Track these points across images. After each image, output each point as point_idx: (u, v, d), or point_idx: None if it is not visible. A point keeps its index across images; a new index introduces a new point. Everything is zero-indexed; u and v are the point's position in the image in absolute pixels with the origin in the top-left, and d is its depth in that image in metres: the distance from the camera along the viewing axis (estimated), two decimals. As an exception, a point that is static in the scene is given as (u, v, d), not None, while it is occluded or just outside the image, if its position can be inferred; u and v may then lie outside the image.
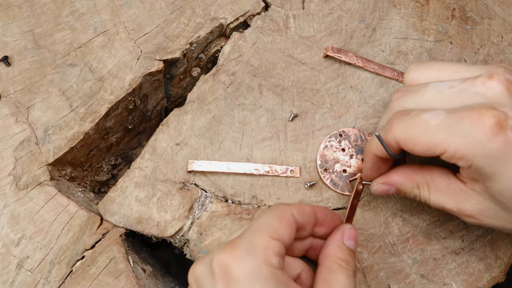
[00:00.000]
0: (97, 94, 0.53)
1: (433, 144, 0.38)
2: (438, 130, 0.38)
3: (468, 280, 0.48)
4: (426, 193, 0.43)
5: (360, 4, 0.55)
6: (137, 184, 0.51)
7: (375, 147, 0.43)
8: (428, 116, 0.38)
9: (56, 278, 0.48)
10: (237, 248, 0.36)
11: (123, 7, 0.55)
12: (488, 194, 0.39)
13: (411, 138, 0.39)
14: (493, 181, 0.38)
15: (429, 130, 0.38)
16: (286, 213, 0.39)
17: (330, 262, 0.40)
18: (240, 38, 0.54)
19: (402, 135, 0.39)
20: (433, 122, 0.38)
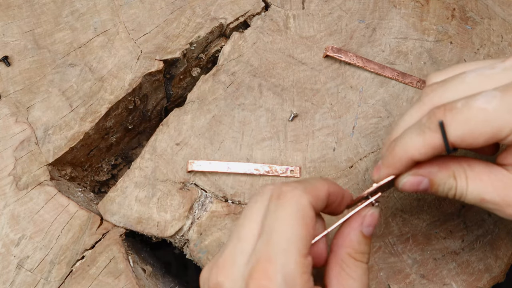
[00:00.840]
0: (97, 94, 0.53)
1: (496, 129, 0.34)
2: (499, 114, 0.33)
3: (468, 280, 0.48)
4: (464, 183, 0.37)
5: (360, 4, 0.55)
6: (137, 184, 0.51)
7: (416, 150, 0.36)
8: (482, 102, 0.34)
9: (56, 278, 0.48)
10: (272, 277, 0.32)
11: (123, 7, 0.55)
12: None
13: (470, 132, 0.34)
14: None
15: (489, 117, 0.34)
16: (309, 211, 0.35)
17: (343, 254, 0.37)
18: (240, 38, 0.54)
19: (458, 132, 0.34)
20: (490, 106, 0.33)
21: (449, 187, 0.38)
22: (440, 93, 0.37)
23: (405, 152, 0.37)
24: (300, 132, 0.52)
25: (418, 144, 0.36)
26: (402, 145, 0.37)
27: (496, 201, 0.36)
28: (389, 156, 0.38)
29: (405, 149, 0.37)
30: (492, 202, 0.37)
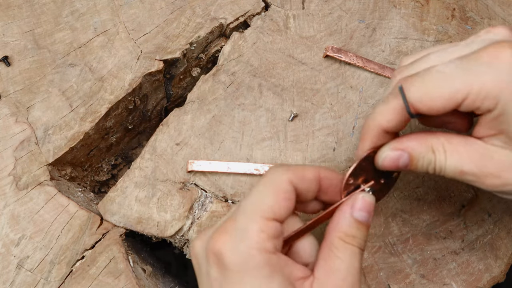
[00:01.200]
0: (97, 94, 0.53)
1: (453, 92, 0.35)
2: (455, 76, 0.35)
3: (468, 280, 0.48)
4: (442, 157, 0.37)
5: (360, 4, 0.55)
6: (137, 184, 0.51)
7: (383, 117, 0.38)
8: (440, 67, 0.36)
9: (56, 278, 0.48)
10: (229, 234, 0.35)
11: (123, 7, 0.55)
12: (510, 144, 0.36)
13: (427, 94, 0.35)
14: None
15: (445, 79, 0.35)
16: (282, 183, 0.36)
17: (333, 237, 0.37)
18: (240, 38, 0.54)
19: (417, 94, 0.36)
20: (447, 70, 0.35)
21: (428, 161, 0.38)
22: (408, 72, 0.39)
23: (374, 121, 0.38)
24: (300, 132, 0.52)
25: (383, 111, 0.38)
26: (371, 116, 0.39)
27: (475, 172, 0.37)
28: (362, 130, 0.40)
29: (373, 119, 0.39)
30: (471, 174, 0.37)
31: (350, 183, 0.39)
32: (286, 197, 0.36)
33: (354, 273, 0.36)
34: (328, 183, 0.39)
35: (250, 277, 0.34)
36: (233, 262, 0.34)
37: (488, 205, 0.50)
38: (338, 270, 0.36)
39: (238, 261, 0.34)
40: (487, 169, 0.36)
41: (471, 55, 0.35)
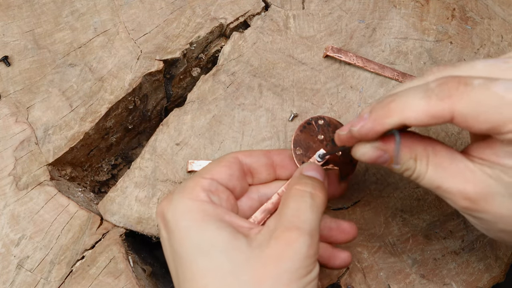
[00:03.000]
0: (97, 94, 0.53)
1: (504, 121, 0.31)
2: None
3: (468, 280, 0.48)
4: (423, 168, 0.36)
5: (360, 4, 0.55)
6: (137, 184, 0.51)
7: (414, 114, 0.33)
8: (501, 89, 0.31)
9: (56, 278, 0.48)
10: (170, 194, 0.38)
11: (123, 7, 0.55)
12: (503, 180, 0.34)
13: (477, 114, 0.32)
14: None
15: (502, 106, 0.31)
16: (227, 156, 0.41)
17: (286, 192, 0.39)
18: (240, 38, 0.54)
19: (465, 111, 0.32)
20: (508, 96, 0.31)
21: (407, 168, 0.37)
22: (449, 71, 0.35)
23: (401, 111, 0.34)
24: (300, 132, 0.52)
25: (419, 107, 0.33)
26: (400, 103, 0.34)
27: (452, 192, 0.35)
28: (382, 110, 0.35)
29: (402, 108, 0.34)
30: (447, 192, 0.35)
31: (305, 157, 0.43)
32: (227, 164, 0.40)
33: (302, 218, 0.36)
34: (281, 159, 0.42)
35: (187, 225, 0.36)
36: (171, 214, 0.37)
37: (488, 205, 0.50)
38: (285, 214, 0.37)
39: (174, 212, 0.37)
40: (466, 193, 0.35)
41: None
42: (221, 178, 0.39)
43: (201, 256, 0.35)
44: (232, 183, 0.40)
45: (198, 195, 0.37)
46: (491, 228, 0.36)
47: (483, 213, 0.35)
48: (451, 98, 0.32)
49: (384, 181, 0.50)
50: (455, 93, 0.32)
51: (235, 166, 0.40)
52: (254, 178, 0.43)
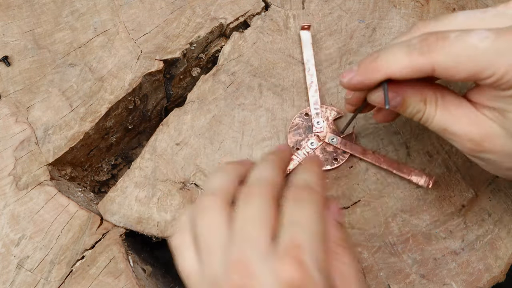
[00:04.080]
0: (97, 94, 0.53)
1: (480, 68, 0.35)
2: (487, 54, 0.34)
3: (468, 280, 0.48)
4: (432, 110, 0.39)
5: (360, 4, 0.55)
6: (137, 184, 0.51)
7: (398, 68, 0.36)
8: (475, 39, 0.34)
9: (56, 278, 0.48)
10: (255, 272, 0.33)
11: (123, 7, 0.55)
12: (501, 121, 0.37)
13: (456, 65, 0.35)
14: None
15: (477, 55, 0.34)
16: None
17: (332, 245, 0.37)
18: (240, 38, 0.54)
19: (444, 62, 0.35)
20: (482, 45, 0.34)
21: (417, 110, 0.39)
22: (432, 25, 0.38)
23: (387, 66, 0.37)
24: (300, 132, 0.52)
25: (402, 62, 0.36)
26: (385, 59, 0.37)
27: (458, 134, 0.38)
28: (368, 64, 0.38)
29: (387, 63, 0.37)
30: (454, 134, 0.38)
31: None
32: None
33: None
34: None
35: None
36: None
37: (488, 205, 0.50)
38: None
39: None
40: (471, 135, 0.37)
41: (506, 33, 0.34)
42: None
43: None
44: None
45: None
46: (499, 167, 0.39)
47: (488, 154, 0.38)
48: (431, 53, 0.35)
49: (384, 181, 0.50)
50: (435, 48, 0.35)
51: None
52: None
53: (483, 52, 0.34)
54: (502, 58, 0.34)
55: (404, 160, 0.50)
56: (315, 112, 0.51)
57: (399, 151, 0.51)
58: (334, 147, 0.50)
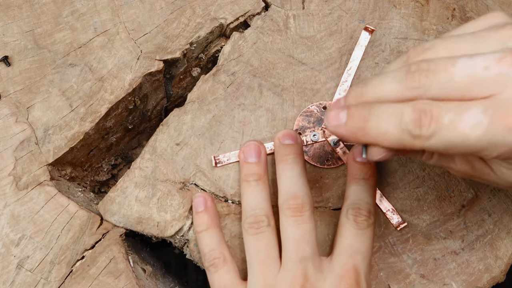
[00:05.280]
0: (97, 94, 0.53)
1: (472, 151, 0.33)
2: (480, 142, 0.32)
3: (468, 280, 0.48)
4: (429, 156, 0.39)
5: (360, 4, 0.55)
6: (137, 184, 0.51)
7: (385, 141, 0.35)
8: (467, 127, 0.32)
9: (56, 278, 0.48)
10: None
11: (123, 7, 0.55)
12: (494, 167, 0.36)
13: (448, 150, 0.34)
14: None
15: (470, 144, 0.33)
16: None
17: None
18: (240, 38, 0.54)
19: (434, 148, 0.34)
20: (473, 135, 0.32)
21: (415, 156, 0.40)
22: (429, 83, 0.35)
23: (376, 135, 0.35)
24: (300, 132, 0.52)
25: (393, 138, 0.35)
26: (376, 126, 0.35)
27: (454, 170, 0.39)
28: (358, 125, 0.36)
29: (379, 135, 0.35)
30: (450, 169, 0.39)
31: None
32: None
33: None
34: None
35: None
36: None
37: (488, 205, 0.50)
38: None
39: None
40: (466, 173, 0.38)
41: (501, 114, 0.32)
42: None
43: None
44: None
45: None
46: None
47: (483, 182, 0.39)
48: (422, 138, 0.33)
49: (384, 181, 0.50)
50: (426, 133, 0.33)
51: None
52: None
53: (475, 141, 0.32)
54: (495, 146, 0.32)
55: (404, 161, 0.50)
56: None
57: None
58: (333, 149, 0.50)
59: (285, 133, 0.48)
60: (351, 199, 0.46)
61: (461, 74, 0.33)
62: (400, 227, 0.49)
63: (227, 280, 0.46)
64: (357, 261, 0.44)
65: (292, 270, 0.43)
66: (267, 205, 0.47)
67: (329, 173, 0.50)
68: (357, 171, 0.47)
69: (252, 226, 0.46)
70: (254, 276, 0.45)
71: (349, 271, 0.43)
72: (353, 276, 0.43)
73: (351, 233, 0.45)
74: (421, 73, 0.35)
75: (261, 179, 0.48)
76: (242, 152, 0.49)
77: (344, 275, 0.43)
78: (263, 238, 0.45)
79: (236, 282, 0.46)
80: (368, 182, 0.47)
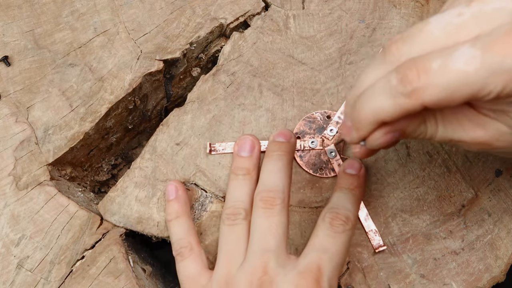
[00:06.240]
0: (97, 94, 0.53)
1: (475, 91, 0.31)
2: (479, 75, 0.30)
3: (468, 280, 0.48)
4: (434, 128, 0.36)
5: (360, 4, 0.55)
6: (137, 184, 0.51)
7: (386, 114, 0.33)
8: (461, 63, 0.31)
9: (56, 278, 0.48)
10: None
11: (123, 7, 0.55)
12: (506, 120, 0.34)
13: (447, 96, 0.31)
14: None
15: (468, 80, 0.31)
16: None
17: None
18: (240, 38, 0.54)
19: (435, 98, 0.31)
20: (471, 68, 0.30)
21: (418, 133, 0.37)
22: (407, 50, 0.34)
23: (376, 117, 0.34)
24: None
25: (390, 109, 0.33)
26: (371, 110, 0.34)
27: (464, 140, 0.36)
28: (357, 119, 0.36)
29: (375, 115, 0.34)
30: (460, 141, 0.36)
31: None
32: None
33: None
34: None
35: None
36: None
37: (488, 205, 0.50)
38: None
39: None
40: (478, 139, 0.35)
41: (494, 45, 0.30)
42: None
43: None
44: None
45: None
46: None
47: (500, 149, 0.36)
48: (417, 92, 0.32)
49: (384, 181, 0.50)
50: (418, 85, 0.31)
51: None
52: None
53: (474, 76, 0.31)
54: (496, 75, 0.31)
55: (404, 161, 0.50)
56: (336, 120, 0.51)
57: (399, 151, 0.51)
58: (329, 159, 0.50)
59: (280, 132, 0.49)
60: (332, 204, 0.46)
61: (437, 27, 0.33)
62: (378, 250, 0.48)
63: (192, 269, 0.46)
64: (323, 261, 0.42)
65: (252, 262, 0.43)
66: (248, 200, 0.46)
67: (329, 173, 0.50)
68: (344, 180, 0.47)
69: (228, 217, 0.46)
70: (219, 267, 0.45)
71: (312, 269, 0.41)
72: (315, 275, 0.41)
73: (323, 233, 0.43)
74: (397, 43, 0.34)
75: (249, 174, 0.48)
76: (237, 144, 0.49)
77: (306, 272, 0.41)
78: (236, 231, 0.45)
79: (201, 272, 0.46)
80: (353, 192, 0.46)
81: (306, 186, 0.50)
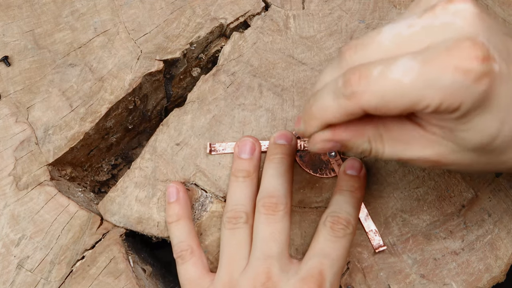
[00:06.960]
0: (97, 94, 0.53)
1: (412, 103, 0.31)
2: (415, 87, 0.31)
3: (468, 280, 0.48)
4: (380, 147, 0.36)
5: (360, 4, 0.55)
6: (137, 184, 0.51)
7: (330, 112, 0.34)
8: (398, 74, 0.31)
9: (56, 278, 0.48)
10: None
11: (123, 7, 0.55)
12: (452, 138, 0.34)
13: (385, 104, 0.32)
14: (469, 122, 0.32)
15: (404, 91, 0.31)
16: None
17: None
18: (240, 38, 0.55)
19: (373, 103, 0.32)
20: (406, 80, 0.31)
21: (363, 150, 0.37)
22: (359, 55, 0.35)
23: (321, 115, 0.35)
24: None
25: (333, 109, 0.34)
26: (318, 107, 0.35)
27: (413, 159, 0.36)
28: (307, 115, 0.37)
29: (321, 112, 0.35)
30: (409, 160, 0.37)
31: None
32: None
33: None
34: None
35: None
36: None
37: (488, 205, 0.50)
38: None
39: None
40: (426, 157, 0.36)
41: (432, 60, 0.31)
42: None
43: None
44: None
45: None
46: (471, 169, 0.37)
47: (449, 166, 0.36)
48: (356, 96, 0.32)
49: (384, 181, 0.50)
50: (358, 89, 0.32)
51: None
52: None
53: (409, 87, 0.31)
54: (432, 89, 0.31)
55: (404, 160, 0.50)
56: None
57: (399, 151, 0.51)
58: (329, 159, 0.50)
59: (281, 133, 0.49)
60: (332, 207, 0.46)
61: (387, 38, 0.33)
62: (378, 250, 0.48)
63: (193, 273, 0.46)
64: (324, 266, 0.43)
65: (256, 268, 0.43)
66: (249, 203, 0.47)
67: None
68: (344, 182, 0.47)
69: (230, 221, 0.46)
70: (221, 271, 0.45)
71: (314, 275, 0.42)
72: (317, 281, 0.42)
73: (325, 238, 0.44)
74: (350, 50, 0.35)
75: (250, 176, 0.48)
76: (237, 146, 0.49)
77: (308, 278, 0.42)
78: (237, 234, 0.45)
79: (202, 275, 0.46)
80: (353, 194, 0.46)
81: (306, 186, 0.50)
